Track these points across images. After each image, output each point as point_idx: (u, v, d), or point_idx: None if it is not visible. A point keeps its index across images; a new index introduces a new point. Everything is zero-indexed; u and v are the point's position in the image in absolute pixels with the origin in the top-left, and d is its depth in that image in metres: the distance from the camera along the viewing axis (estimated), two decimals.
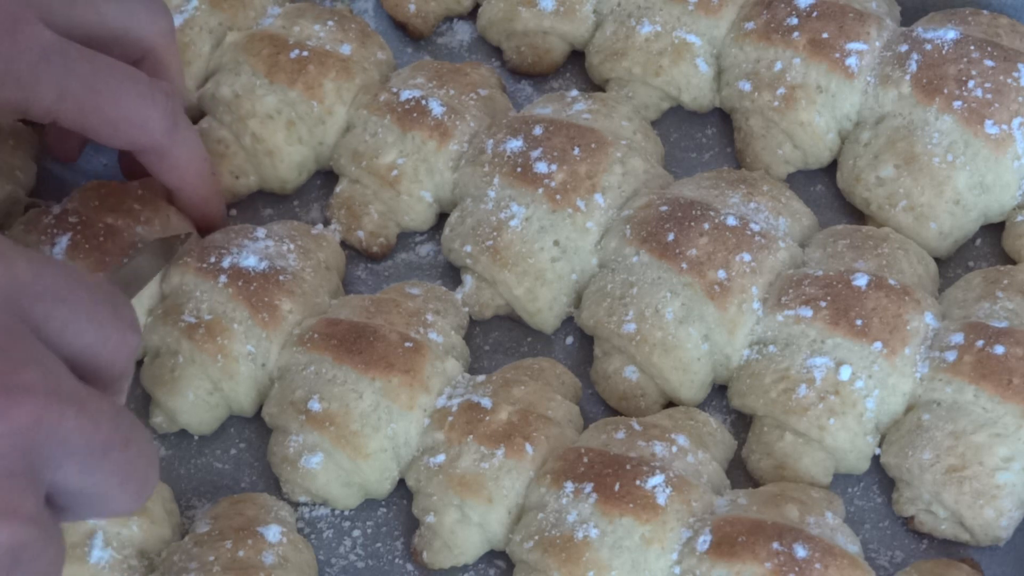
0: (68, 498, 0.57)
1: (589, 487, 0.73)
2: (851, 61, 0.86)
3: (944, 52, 0.85)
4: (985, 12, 0.90)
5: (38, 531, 0.54)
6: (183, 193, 0.84)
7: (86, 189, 0.85)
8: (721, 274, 0.79)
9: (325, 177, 0.91)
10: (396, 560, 0.79)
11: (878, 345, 0.77)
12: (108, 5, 0.76)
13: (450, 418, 0.77)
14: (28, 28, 0.69)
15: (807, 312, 0.78)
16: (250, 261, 0.82)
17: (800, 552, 0.70)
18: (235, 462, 0.82)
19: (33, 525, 0.53)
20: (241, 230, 0.85)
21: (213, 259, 0.82)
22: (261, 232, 0.85)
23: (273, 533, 0.74)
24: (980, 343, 0.76)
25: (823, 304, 0.78)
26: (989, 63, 0.85)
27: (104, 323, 0.59)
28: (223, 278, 0.81)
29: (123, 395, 0.62)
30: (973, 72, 0.85)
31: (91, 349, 0.58)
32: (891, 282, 0.79)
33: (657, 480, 0.73)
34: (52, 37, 0.70)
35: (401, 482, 0.79)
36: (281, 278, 0.81)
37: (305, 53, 0.88)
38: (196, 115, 0.91)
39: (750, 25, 0.89)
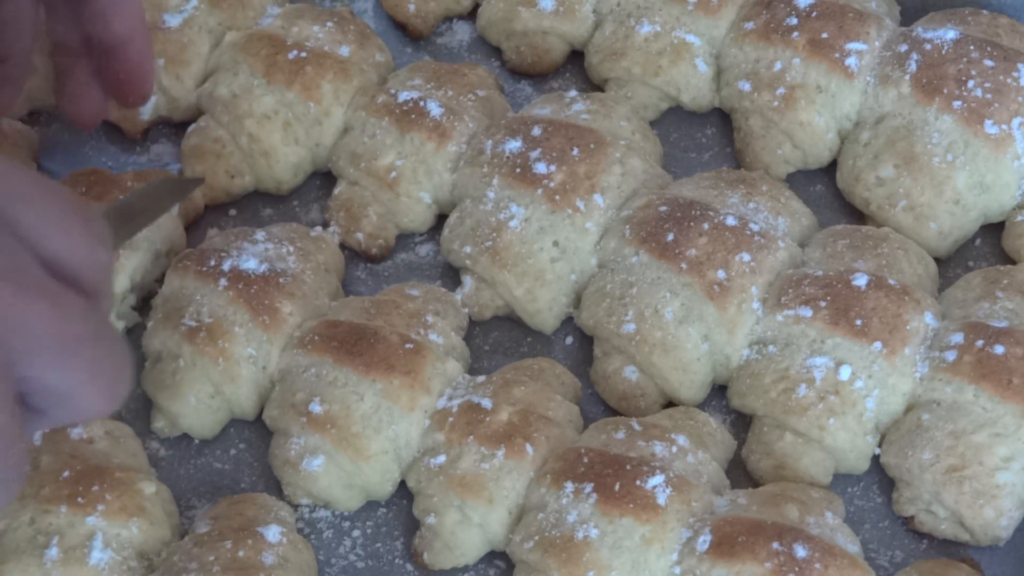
0: (39, 398, 0.57)
1: (589, 487, 0.73)
2: (851, 61, 0.86)
3: (944, 52, 0.85)
4: (985, 12, 0.90)
5: (11, 423, 0.54)
6: (134, 44, 0.81)
7: (77, 174, 0.85)
8: (721, 274, 0.79)
9: (324, 178, 0.91)
10: (396, 560, 0.79)
11: (878, 345, 0.77)
12: None
13: (450, 419, 0.77)
14: None
15: (807, 312, 0.78)
16: (250, 264, 0.81)
17: (800, 552, 0.70)
18: (235, 462, 0.82)
19: (7, 415, 0.54)
20: (240, 233, 0.85)
21: (213, 262, 0.82)
22: (260, 234, 0.84)
23: (273, 533, 0.74)
24: (980, 343, 0.76)
25: (823, 304, 0.78)
26: (989, 63, 0.85)
27: (72, 234, 0.58)
28: (223, 281, 0.81)
29: (104, 314, 0.61)
30: (973, 72, 0.84)
31: (59, 256, 0.58)
32: (891, 282, 0.79)
33: (657, 480, 0.73)
34: None
35: (400, 482, 0.79)
36: (281, 280, 0.81)
37: (303, 54, 0.88)
38: (194, 114, 0.91)
39: (750, 25, 0.89)
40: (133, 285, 0.84)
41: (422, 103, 0.87)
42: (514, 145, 0.84)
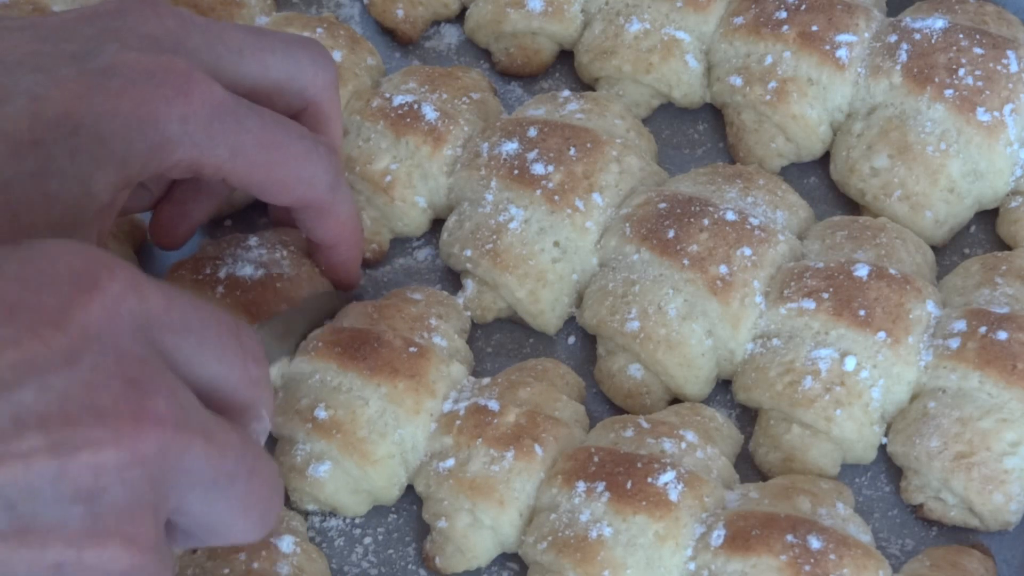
0: (190, 524, 0.58)
1: (601, 486, 0.73)
2: (841, 53, 0.86)
3: (933, 41, 0.86)
4: (971, 0, 0.90)
5: (155, 560, 0.54)
6: (337, 250, 0.82)
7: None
8: (723, 269, 0.79)
9: None
10: (409, 566, 0.78)
11: (882, 335, 0.77)
12: (274, 57, 0.75)
13: (458, 422, 0.77)
14: (202, 87, 0.68)
15: (810, 304, 0.78)
16: (246, 270, 0.81)
17: (814, 544, 0.71)
18: None
19: (151, 554, 0.54)
20: (233, 239, 0.84)
21: (209, 270, 0.81)
22: (254, 240, 0.84)
23: (286, 544, 0.74)
24: (983, 329, 0.77)
25: (825, 296, 0.78)
26: (978, 50, 0.85)
27: (229, 355, 0.59)
28: (220, 288, 0.80)
29: (261, 422, 0.62)
30: (963, 60, 0.85)
31: (217, 380, 0.58)
32: (891, 271, 0.79)
33: (668, 477, 0.73)
34: (223, 94, 0.69)
35: (411, 488, 0.79)
36: (278, 285, 0.81)
37: None
38: None
39: (739, 20, 0.89)
40: None
41: (417, 107, 0.86)
42: (511, 147, 0.84)
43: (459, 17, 0.97)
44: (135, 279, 0.56)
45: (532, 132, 0.85)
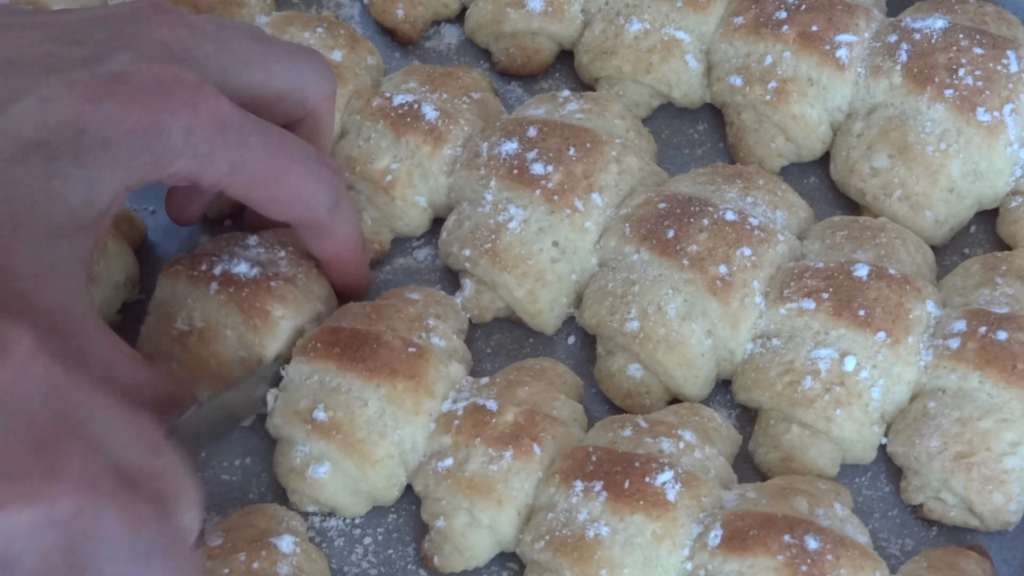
0: None
1: (599, 485, 0.73)
2: (841, 53, 0.86)
3: (933, 41, 0.86)
4: (971, 0, 0.90)
5: None
6: (334, 264, 0.83)
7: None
8: (722, 269, 0.79)
9: None
10: (409, 566, 0.78)
11: (881, 335, 0.77)
12: (279, 66, 0.75)
13: (456, 422, 0.77)
14: (209, 100, 0.68)
15: (810, 304, 0.78)
16: (241, 268, 0.81)
17: (811, 544, 0.70)
18: (242, 473, 0.82)
19: None
20: (232, 238, 0.84)
21: (204, 266, 0.81)
22: (253, 239, 0.84)
23: (286, 544, 0.74)
24: (983, 329, 0.77)
25: (825, 296, 0.78)
26: (978, 51, 0.85)
27: (132, 441, 0.57)
28: (214, 285, 0.80)
29: (184, 515, 0.59)
30: (963, 60, 0.85)
31: (121, 463, 0.55)
32: (891, 272, 0.79)
33: (666, 476, 0.73)
34: (230, 108, 0.69)
35: (410, 488, 0.79)
36: (273, 284, 0.81)
37: None
38: None
39: (739, 20, 0.89)
40: None
41: (417, 106, 0.86)
42: (510, 147, 0.84)
43: (459, 17, 0.98)
44: (44, 343, 0.54)
45: (532, 132, 0.85)
